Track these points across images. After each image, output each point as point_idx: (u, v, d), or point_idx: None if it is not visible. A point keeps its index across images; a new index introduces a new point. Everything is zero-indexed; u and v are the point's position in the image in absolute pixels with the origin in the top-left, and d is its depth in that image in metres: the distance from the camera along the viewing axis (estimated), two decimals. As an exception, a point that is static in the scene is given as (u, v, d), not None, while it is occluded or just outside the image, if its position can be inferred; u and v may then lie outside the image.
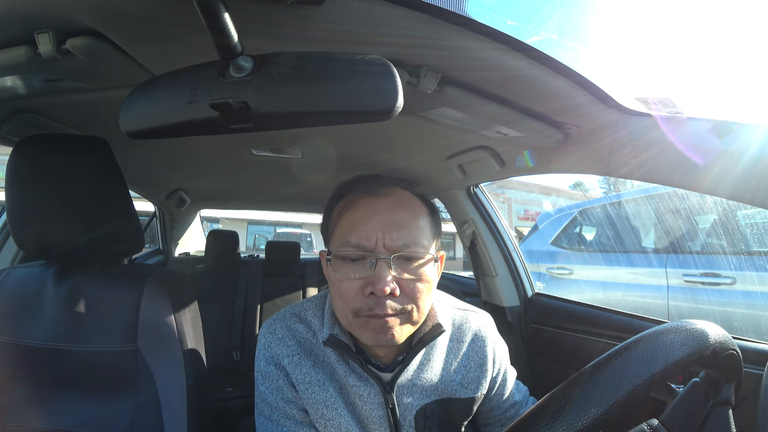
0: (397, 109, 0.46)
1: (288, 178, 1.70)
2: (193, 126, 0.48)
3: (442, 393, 0.74)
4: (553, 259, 3.63)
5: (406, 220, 0.64)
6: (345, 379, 0.70)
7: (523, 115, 0.87)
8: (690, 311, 2.51)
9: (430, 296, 0.67)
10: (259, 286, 2.24)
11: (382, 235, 0.62)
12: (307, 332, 0.73)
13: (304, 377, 0.70)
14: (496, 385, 0.82)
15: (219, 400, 1.75)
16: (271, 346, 0.72)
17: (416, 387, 0.72)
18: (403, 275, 0.62)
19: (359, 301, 0.62)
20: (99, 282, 0.80)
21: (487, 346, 0.79)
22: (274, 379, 0.71)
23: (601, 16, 0.68)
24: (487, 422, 0.87)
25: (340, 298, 0.64)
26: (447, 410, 0.74)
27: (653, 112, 0.77)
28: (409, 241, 0.63)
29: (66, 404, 0.76)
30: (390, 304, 0.61)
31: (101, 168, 0.80)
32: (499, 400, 0.83)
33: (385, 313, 0.61)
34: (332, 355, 0.71)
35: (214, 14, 0.41)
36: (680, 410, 0.47)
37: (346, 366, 0.71)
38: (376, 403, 0.70)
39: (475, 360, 0.78)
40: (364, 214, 0.64)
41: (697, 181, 0.75)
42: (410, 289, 0.63)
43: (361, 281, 0.62)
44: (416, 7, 0.53)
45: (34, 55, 0.61)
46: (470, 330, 0.79)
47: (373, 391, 0.70)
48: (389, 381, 0.70)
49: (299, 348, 0.71)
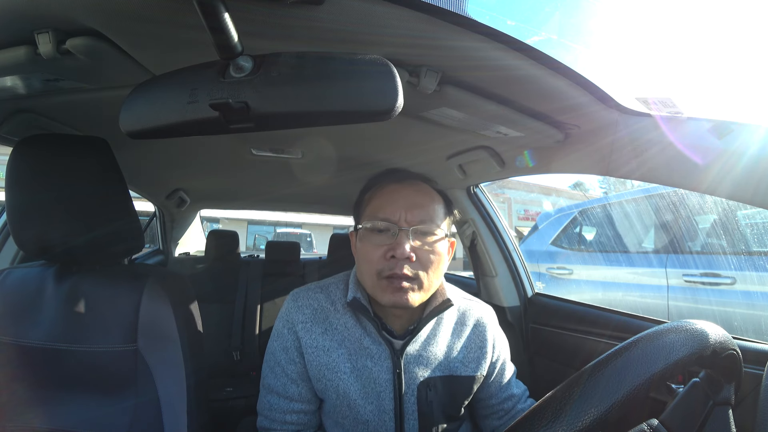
0: (397, 109, 0.46)
1: (288, 178, 1.70)
2: (193, 126, 0.48)
3: (446, 370, 0.82)
4: (553, 259, 3.63)
5: (425, 202, 0.78)
6: (359, 341, 0.80)
7: (523, 115, 0.87)
8: (690, 311, 2.51)
9: (440, 269, 0.78)
10: (259, 286, 2.24)
11: (405, 212, 0.75)
12: (326, 301, 0.84)
13: (312, 342, 0.80)
14: (495, 370, 0.89)
15: (219, 400, 1.75)
16: (291, 312, 0.83)
17: (423, 358, 0.81)
18: (420, 246, 0.75)
19: (382, 263, 0.74)
20: (99, 282, 0.80)
21: (488, 332, 0.88)
22: (285, 340, 0.82)
23: (601, 16, 0.68)
24: (485, 413, 0.91)
25: (366, 262, 0.76)
26: (449, 387, 0.82)
27: (653, 112, 0.77)
28: (426, 218, 0.76)
29: (66, 404, 0.76)
30: (407, 266, 0.73)
31: (101, 168, 0.80)
32: (497, 387, 0.90)
33: (402, 273, 0.72)
34: (350, 320, 0.81)
35: (214, 14, 0.41)
36: (680, 410, 0.47)
37: (362, 330, 0.81)
38: (385, 366, 0.79)
39: (476, 342, 0.87)
40: (391, 196, 0.78)
41: (697, 181, 0.75)
42: (424, 258, 0.74)
43: (384, 247, 0.74)
44: (416, 7, 0.53)
45: (34, 55, 0.61)
46: (473, 316, 0.89)
47: (384, 354, 0.79)
48: (399, 348, 0.80)
49: (313, 315, 0.82)
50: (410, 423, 0.79)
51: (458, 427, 0.88)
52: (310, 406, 0.83)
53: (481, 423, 0.94)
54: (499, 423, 0.91)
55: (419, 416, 0.79)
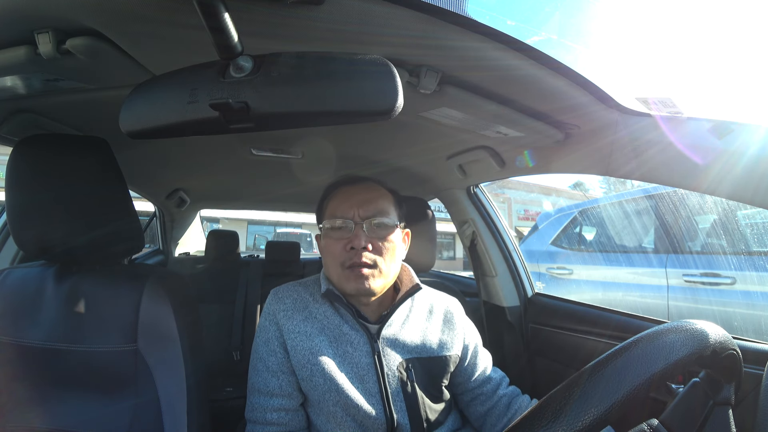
0: (397, 109, 0.46)
1: (288, 178, 1.70)
2: (193, 126, 0.48)
3: (422, 352, 0.88)
4: (553, 259, 3.62)
5: (374, 198, 0.87)
6: (339, 328, 0.86)
7: (523, 115, 0.87)
8: (690, 311, 2.51)
9: (396, 255, 0.87)
10: (259, 286, 2.24)
11: (357, 209, 0.84)
12: (304, 292, 0.91)
13: (294, 327, 0.85)
14: (468, 353, 0.95)
15: (219, 400, 1.75)
16: (271, 305, 0.89)
17: (398, 342, 0.87)
18: (374, 237, 0.84)
19: (343, 255, 0.82)
20: (99, 282, 0.80)
21: (456, 318, 0.96)
22: (266, 332, 0.86)
23: (601, 16, 0.68)
24: (468, 398, 0.96)
25: (330, 256, 0.85)
26: (427, 368, 0.88)
27: (653, 112, 0.77)
28: (376, 212, 0.85)
29: (66, 404, 0.76)
30: (365, 254, 0.81)
31: (101, 168, 0.80)
32: (472, 370, 0.96)
33: (361, 261, 0.81)
34: (328, 309, 0.88)
35: (214, 14, 0.41)
36: (680, 410, 0.47)
37: (340, 318, 0.87)
38: (364, 350, 0.84)
39: (447, 326, 0.94)
40: (345, 196, 0.87)
41: (697, 181, 0.75)
42: (379, 247, 0.83)
43: (344, 241, 0.83)
44: (416, 7, 0.53)
45: (34, 55, 0.61)
46: (442, 306, 0.98)
47: (362, 339, 0.85)
48: (375, 332, 0.86)
49: (294, 304, 0.88)
50: (398, 405, 0.82)
51: (447, 415, 0.90)
52: (291, 401, 0.83)
53: (467, 411, 0.97)
54: (484, 409, 0.94)
55: (404, 397, 0.83)
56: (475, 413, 0.95)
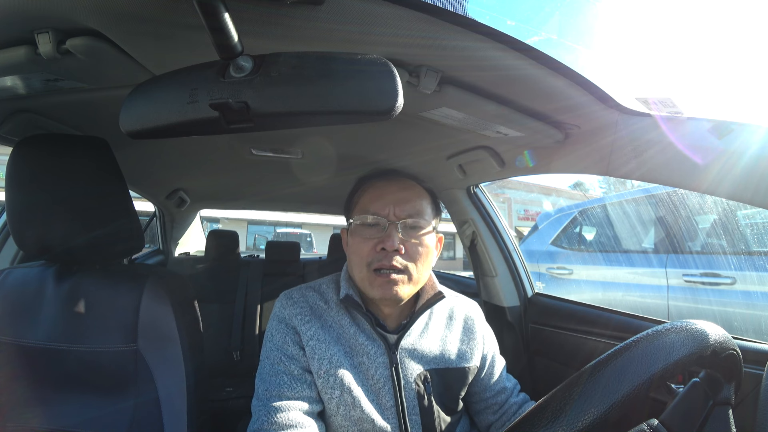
0: (397, 109, 0.46)
1: (288, 178, 1.70)
2: (193, 126, 0.48)
3: (441, 362, 0.83)
4: (553, 259, 3.62)
5: (412, 198, 0.81)
6: (354, 338, 0.79)
7: (523, 115, 0.87)
8: (690, 311, 2.51)
9: (429, 261, 0.80)
10: (259, 286, 2.24)
11: (393, 207, 0.78)
12: (319, 299, 0.84)
13: (313, 334, 0.79)
14: (486, 363, 0.91)
15: (219, 400, 1.75)
16: (285, 308, 0.82)
17: (417, 352, 0.81)
18: (408, 239, 0.77)
19: (372, 255, 0.76)
20: (99, 282, 0.80)
21: (476, 325, 0.91)
22: (282, 336, 0.79)
23: (601, 16, 0.68)
24: (480, 407, 0.92)
25: (357, 255, 0.78)
26: (445, 379, 0.83)
27: (653, 112, 0.77)
28: (413, 212, 0.78)
29: (66, 404, 0.76)
30: (396, 258, 0.75)
31: (101, 168, 0.80)
32: (489, 381, 0.91)
33: (391, 264, 0.74)
34: (343, 317, 0.81)
35: (214, 14, 0.41)
36: (680, 410, 0.47)
37: (356, 327, 0.81)
38: (381, 362, 0.78)
39: (467, 334, 0.89)
40: (380, 192, 0.81)
41: (697, 181, 0.75)
42: (413, 251, 0.77)
43: (374, 240, 0.77)
44: (416, 7, 0.53)
45: (34, 55, 0.61)
46: (462, 311, 0.92)
47: (380, 350, 0.79)
48: (394, 342, 0.80)
49: (310, 310, 0.82)
50: (413, 419, 0.78)
51: (457, 422, 0.88)
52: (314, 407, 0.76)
53: (477, 418, 0.94)
54: (494, 418, 0.91)
55: (420, 410, 0.79)
56: (486, 421, 0.92)
